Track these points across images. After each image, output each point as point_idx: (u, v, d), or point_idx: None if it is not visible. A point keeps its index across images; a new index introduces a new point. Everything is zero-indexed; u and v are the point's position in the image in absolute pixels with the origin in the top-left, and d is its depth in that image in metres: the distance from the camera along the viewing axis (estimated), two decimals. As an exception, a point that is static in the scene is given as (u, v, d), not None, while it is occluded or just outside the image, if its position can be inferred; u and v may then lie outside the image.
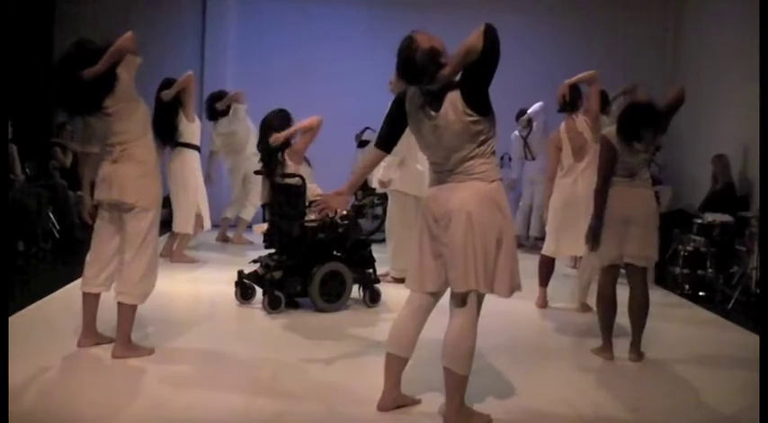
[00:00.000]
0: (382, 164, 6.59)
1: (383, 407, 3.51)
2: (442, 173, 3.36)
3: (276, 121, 5.81)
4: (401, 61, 3.26)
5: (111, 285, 4.25)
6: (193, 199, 7.33)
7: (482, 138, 3.27)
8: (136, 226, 4.14)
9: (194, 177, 7.35)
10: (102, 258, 4.26)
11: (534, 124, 9.40)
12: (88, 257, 4.31)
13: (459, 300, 3.32)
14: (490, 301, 3.43)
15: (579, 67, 10.64)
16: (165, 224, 7.52)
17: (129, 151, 4.15)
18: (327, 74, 10.35)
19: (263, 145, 5.85)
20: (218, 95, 8.60)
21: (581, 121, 5.88)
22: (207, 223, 7.56)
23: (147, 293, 4.21)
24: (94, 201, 4.30)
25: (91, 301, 4.30)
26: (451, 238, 3.26)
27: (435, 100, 3.26)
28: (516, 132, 9.64)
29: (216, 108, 8.52)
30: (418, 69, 3.20)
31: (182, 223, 7.31)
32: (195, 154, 7.37)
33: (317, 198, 3.86)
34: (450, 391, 3.33)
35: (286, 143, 5.74)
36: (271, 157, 5.74)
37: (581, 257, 5.93)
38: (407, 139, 6.77)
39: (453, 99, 3.23)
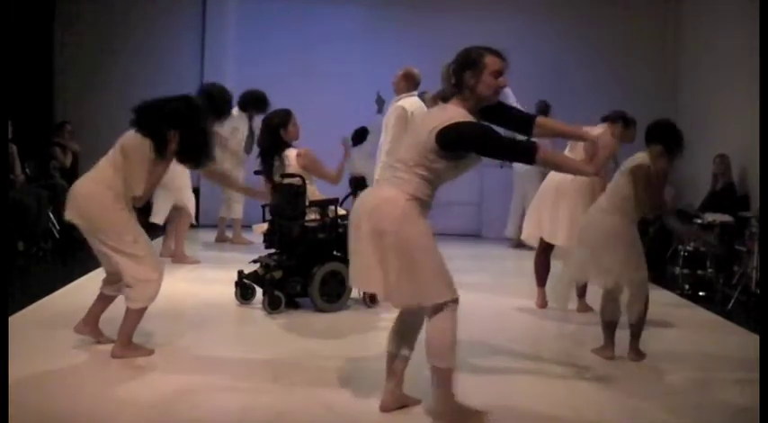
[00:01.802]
0: (378, 164, 6.63)
1: (385, 407, 3.50)
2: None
3: (276, 119, 5.80)
4: None
5: None
6: (171, 192, 7.26)
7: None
8: (107, 250, 4.13)
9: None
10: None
11: None
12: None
13: None
14: (490, 301, 3.42)
15: (578, 67, 10.70)
16: (164, 226, 7.58)
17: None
18: (328, 74, 10.35)
19: (263, 143, 5.85)
20: (262, 98, 8.39)
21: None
22: (192, 217, 7.53)
23: (151, 296, 4.18)
24: None
25: (104, 298, 4.35)
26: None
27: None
28: None
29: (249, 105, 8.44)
30: None
31: (154, 215, 7.35)
32: None
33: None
34: (438, 386, 3.33)
35: (284, 144, 5.71)
36: (266, 157, 5.73)
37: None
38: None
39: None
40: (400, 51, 10.02)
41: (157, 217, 7.39)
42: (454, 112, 3.26)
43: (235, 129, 8.45)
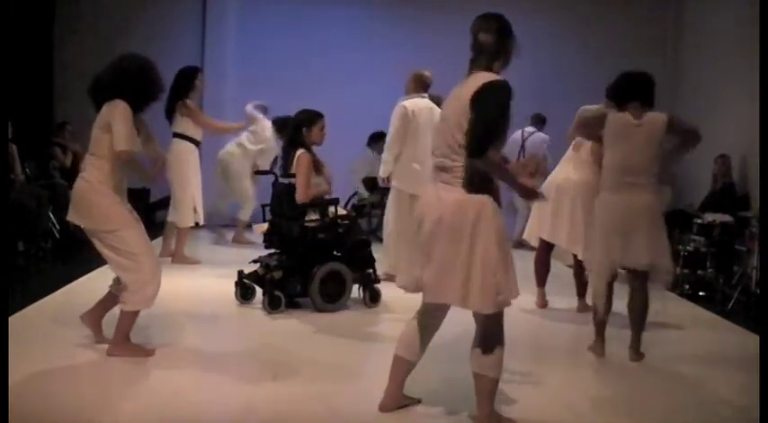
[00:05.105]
0: (381, 161, 6.68)
1: (385, 408, 3.50)
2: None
3: (303, 116, 5.73)
4: None
5: None
6: (190, 192, 7.28)
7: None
8: (105, 250, 4.12)
9: (191, 170, 7.26)
10: None
11: (535, 135, 9.38)
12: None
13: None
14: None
15: (577, 68, 10.66)
16: (162, 225, 7.58)
17: (86, 165, 4.22)
18: (328, 73, 10.34)
19: (286, 136, 5.82)
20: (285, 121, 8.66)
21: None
22: (201, 218, 7.53)
23: (146, 299, 4.17)
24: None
25: (111, 297, 4.32)
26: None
27: None
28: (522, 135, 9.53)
29: None
30: None
31: (180, 217, 7.28)
32: (190, 146, 7.25)
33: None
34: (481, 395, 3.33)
35: (300, 143, 5.63)
36: (284, 151, 5.71)
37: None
38: (405, 137, 6.84)
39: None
40: (402, 52, 10.02)
41: (186, 219, 7.33)
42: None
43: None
